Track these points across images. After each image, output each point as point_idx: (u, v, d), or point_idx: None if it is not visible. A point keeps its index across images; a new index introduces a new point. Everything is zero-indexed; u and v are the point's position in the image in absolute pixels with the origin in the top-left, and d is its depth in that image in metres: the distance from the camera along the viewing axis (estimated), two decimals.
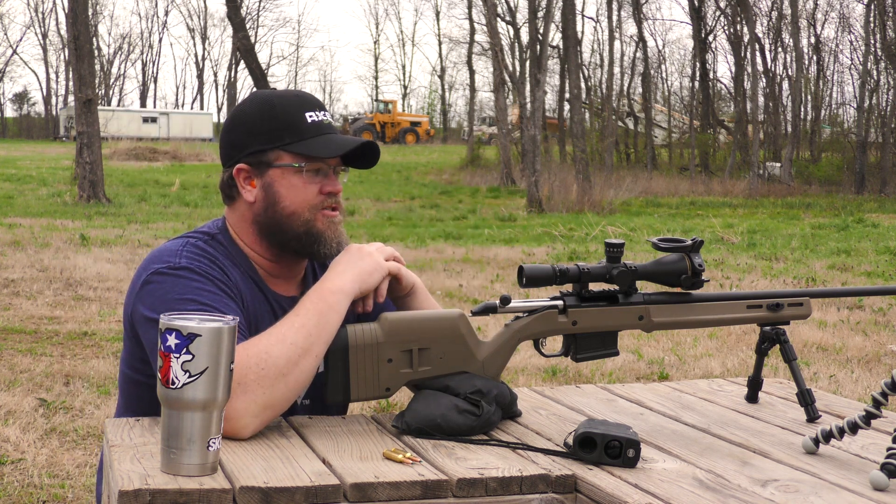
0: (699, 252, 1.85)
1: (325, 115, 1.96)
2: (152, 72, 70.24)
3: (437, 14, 72.16)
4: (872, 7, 31.61)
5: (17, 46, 65.38)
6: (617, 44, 41.10)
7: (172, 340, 1.44)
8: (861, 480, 1.55)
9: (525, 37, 36.06)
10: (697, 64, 38.49)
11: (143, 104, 64.58)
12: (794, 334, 6.95)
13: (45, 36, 62.57)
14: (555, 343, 1.96)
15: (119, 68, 66.95)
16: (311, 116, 1.93)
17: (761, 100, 35.68)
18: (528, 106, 22.37)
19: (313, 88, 72.75)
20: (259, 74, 18.64)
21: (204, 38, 66.51)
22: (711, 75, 39.97)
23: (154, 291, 1.81)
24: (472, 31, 40.14)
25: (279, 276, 1.99)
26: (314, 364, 1.74)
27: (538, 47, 24.94)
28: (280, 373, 1.69)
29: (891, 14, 31.61)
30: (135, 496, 1.38)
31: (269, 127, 1.92)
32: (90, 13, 26.08)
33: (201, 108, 65.96)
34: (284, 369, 1.69)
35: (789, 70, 38.43)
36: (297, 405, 1.92)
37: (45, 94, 62.81)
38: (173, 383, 1.44)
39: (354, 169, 2.01)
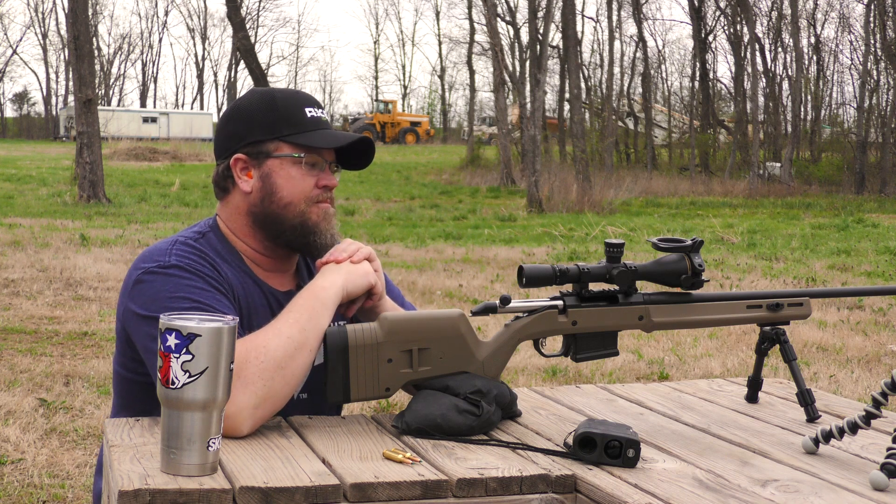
0: (699, 252, 1.85)
1: (322, 112, 2.01)
2: (152, 72, 70.25)
3: (437, 14, 72.16)
4: (872, 7, 31.61)
5: (17, 46, 65.47)
6: (617, 44, 41.14)
7: (172, 340, 1.44)
8: (861, 480, 1.55)
9: (525, 37, 36.10)
10: (697, 64, 38.50)
11: (143, 104, 64.56)
12: (794, 334, 6.95)
13: (45, 36, 62.64)
14: (555, 343, 1.96)
15: (119, 68, 66.99)
16: (310, 112, 1.98)
17: (761, 100, 35.67)
18: (528, 106, 22.36)
19: (313, 88, 72.72)
20: (259, 74, 18.64)
21: (204, 38, 66.51)
22: (711, 75, 39.97)
23: (145, 290, 1.83)
24: (472, 31, 40.13)
25: (272, 269, 2.01)
26: (309, 358, 1.77)
27: (538, 47, 24.93)
28: (278, 365, 1.72)
29: (891, 14, 31.60)
30: (135, 496, 1.38)
31: (269, 118, 1.96)
32: (90, 13, 26.07)
33: (201, 108, 65.91)
34: (282, 362, 1.72)
35: (789, 70, 38.44)
36: (294, 398, 1.91)
37: (45, 94, 62.86)
38: (173, 383, 1.44)
39: (347, 171, 2.06)
